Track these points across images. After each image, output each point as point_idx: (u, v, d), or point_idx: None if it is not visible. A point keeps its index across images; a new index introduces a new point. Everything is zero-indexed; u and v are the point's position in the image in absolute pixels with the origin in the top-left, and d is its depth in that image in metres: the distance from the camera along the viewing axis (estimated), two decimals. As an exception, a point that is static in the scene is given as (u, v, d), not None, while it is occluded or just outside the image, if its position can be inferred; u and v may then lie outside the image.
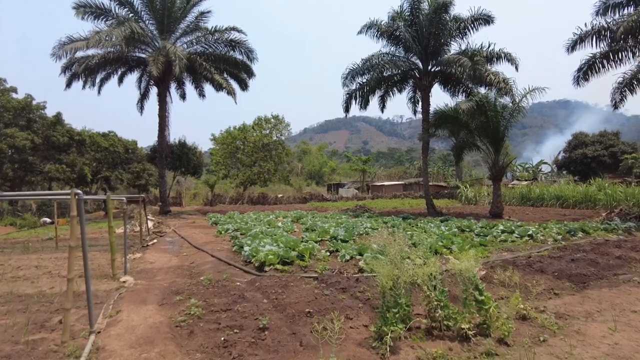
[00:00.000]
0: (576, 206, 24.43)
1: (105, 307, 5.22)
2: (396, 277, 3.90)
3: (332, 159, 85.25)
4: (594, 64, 18.11)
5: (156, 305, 5.33)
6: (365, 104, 22.51)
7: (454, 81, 22.74)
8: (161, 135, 25.87)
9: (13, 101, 25.35)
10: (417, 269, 4.08)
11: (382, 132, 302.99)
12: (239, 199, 41.15)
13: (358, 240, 11.02)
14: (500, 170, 19.15)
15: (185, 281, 6.83)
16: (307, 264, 7.96)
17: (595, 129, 43.02)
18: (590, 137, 35.52)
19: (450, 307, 4.07)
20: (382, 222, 15.45)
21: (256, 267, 7.91)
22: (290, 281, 6.53)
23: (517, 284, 5.22)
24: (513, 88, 19.20)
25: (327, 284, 6.47)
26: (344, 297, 5.66)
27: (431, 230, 12.48)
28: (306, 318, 4.73)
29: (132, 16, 23.10)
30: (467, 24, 20.54)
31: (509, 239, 11.07)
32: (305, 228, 13.93)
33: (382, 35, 21.29)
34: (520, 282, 5.73)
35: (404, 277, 3.91)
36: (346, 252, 8.53)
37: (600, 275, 6.88)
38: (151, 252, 10.35)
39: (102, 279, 6.93)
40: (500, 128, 18.70)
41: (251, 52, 25.69)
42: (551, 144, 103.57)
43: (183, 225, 17.33)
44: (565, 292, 5.92)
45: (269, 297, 5.60)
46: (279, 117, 45.28)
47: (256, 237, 10.63)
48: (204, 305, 5.12)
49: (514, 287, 5.63)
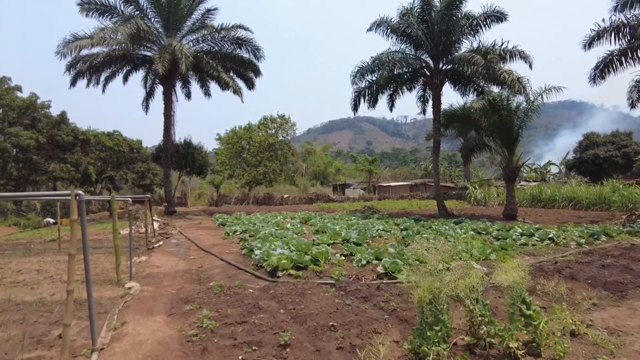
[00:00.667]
0: (589, 208, 23.83)
1: (109, 317, 4.81)
2: (438, 290, 3.45)
3: (337, 159, 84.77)
4: (612, 61, 17.60)
5: (164, 315, 4.91)
6: (374, 102, 22.03)
7: (464, 80, 22.23)
8: (166, 134, 25.52)
9: (18, 100, 25.11)
10: (459, 281, 3.62)
11: (386, 132, 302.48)
12: (245, 199, 40.77)
13: (372, 243, 10.59)
14: (514, 171, 18.63)
15: (194, 287, 6.41)
16: (322, 269, 7.53)
17: (601, 129, 42.29)
18: (602, 138, 34.80)
19: (495, 323, 3.62)
20: (393, 224, 14.99)
21: (268, 272, 7.50)
22: (306, 288, 6.09)
23: (562, 295, 4.75)
24: (527, 87, 18.70)
25: (346, 292, 6.04)
26: (367, 307, 5.22)
27: (447, 232, 12.02)
28: (330, 332, 4.29)
29: (138, 14, 22.76)
30: (479, 21, 20.00)
31: (529, 242, 10.59)
32: (315, 230, 13.50)
33: (392, 33, 20.79)
34: (553, 291, 5.27)
35: (446, 290, 3.46)
36: (362, 257, 8.11)
37: (638, 283, 6.41)
38: (157, 254, 9.95)
39: (106, 285, 6.52)
40: (514, 128, 18.18)
41: (258, 50, 25.29)
42: (558, 145, 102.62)
43: (189, 227, 16.94)
44: (605, 302, 5.45)
45: (286, 307, 5.17)
46: (284, 117, 44.86)
47: (266, 239, 10.22)
48: (217, 317, 4.69)
49: (549, 296, 5.18)
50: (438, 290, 3.45)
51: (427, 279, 3.53)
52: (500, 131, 18.39)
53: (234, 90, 25.92)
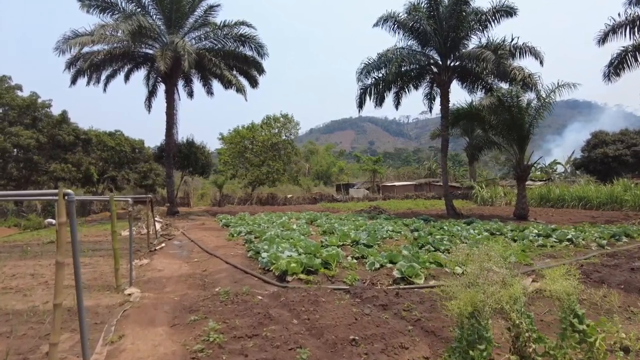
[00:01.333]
0: (600, 207, 23.30)
1: (106, 329, 4.37)
2: (482, 303, 2.99)
3: (339, 159, 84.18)
4: (626, 57, 17.09)
5: (167, 327, 4.47)
6: (381, 100, 21.58)
7: (473, 77, 21.75)
8: (169, 133, 25.12)
9: (18, 99, 24.72)
10: (502, 291, 3.17)
11: (389, 132, 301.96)
12: (248, 199, 40.32)
13: (382, 245, 10.14)
14: (525, 170, 18.13)
15: (199, 294, 5.97)
16: (334, 273, 7.08)
17: (609, 128, 41.53)
18: (611, 136, 34.15)
19: (545, 340, 3.16)
20: (402, 225, 14.53)
21: (277, 276, 7.06)
22: (319, 295, 5.65)
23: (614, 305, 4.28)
24: (538, 84, 18.23)
25: (362, 299, 5.59)
26: (387, 316, 4.78)
27: (459, 234, 11.55)
28: (351, 347, 3.83)
29: (139, 10, 22.32)
30: (488, 16, 19.53)
31: (547, 243, 10.12)
32: (323, 231, 13.06)
33: (399, 28, 20.30)
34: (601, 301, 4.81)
35: (490, 303, 3.01)
36: (375, 260, 7.66)
37: (676, 287, 5.94)
38: (159, 257, 9.52)
39: (104, 291, 6.08)
40: (525, 125, 17.68)
41: (261, 47, 24.80)
42: (561, 145, 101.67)
43: (192, 227, 16.51)
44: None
45: (300, 317, 4.72)
46: (288, 116, 44.42)
47: (272, 241, 9.77)
48: (225, 329, 4.25)
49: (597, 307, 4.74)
50: (482, 303, 3.00)
51: (468, 291, 3.08)
52: (510, 129, 17.90)
53: (237, 89, 25.47)
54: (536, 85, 18.29)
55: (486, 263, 3.34)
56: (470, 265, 3.44)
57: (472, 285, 3.20)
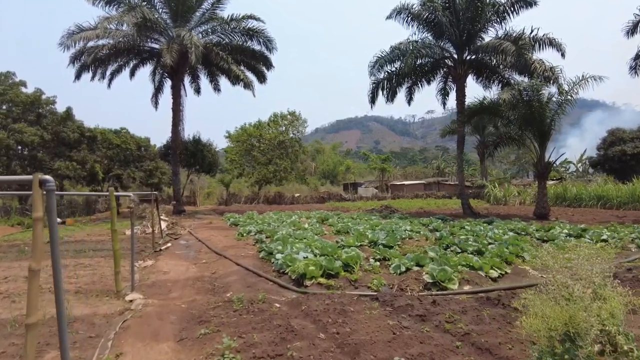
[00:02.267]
0: (620, 207, 22.40)
1: (101, 344, 3.71)
2: (585, 322, 2.30)
3: (346, 158, 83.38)
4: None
5: (172, 342, 3.80)
6: (393, 95, 20.87)
7: (489, 71, 20.98)
8: (175, 130, 24.54)
9: (22, 95, 24.21)
10: (603, 306, 2.47)
11: (394, 131, 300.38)
12: (255, 198, 39.69)
13: (403, 246, 9.43)
14: (546, 167, 17.31)
15: (209, 300, 5.31)
16: (357, 276, 6.41)
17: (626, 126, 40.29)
18: (629, 133, 33.05)
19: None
20: (420, 224, 13.80)
21: (293, 280, 6.41)
22: (345, 303, 4.97)
23: None
24: (560, 77, 17.43)
25: (394, 307, 4.90)
26: (428, 329, 4.08)
27: (483, 233, 10.81)
28: (397, 372, 3.15)
29: (145, 3, 21.73)
30: (506, 7, 18.73)
31: (580, 244, 9.32)
32: (337, 230, 12.38)
33: (413, 20, 19.52)
34: None
35: (594, 323, 2.31)
36: (400, 262, 6.97)
37: None
38: (165, 258, 8.88)
39: (103, 297, 5.44)
40: (546, 120, 16.85)
41: (270, 41, 24.06)
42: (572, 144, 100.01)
43: (199, 226, 15.89)
44: None
45: (327, 331, 4.03)
46: (295, 114, 43.70)
47: (286, 241, 9.10)
48: (242, 346, 3.57)
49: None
50: (585, 322, 2.30)
51: (563, 309, 2.38)
52: (531, 124, 17.08)
53: (245, 84, 24.79)
54: (557, 78, 17.49)
55: (583, 269, 2.64)
56: (554, 273, 2.74)
57: (562, 298, 2.50)
